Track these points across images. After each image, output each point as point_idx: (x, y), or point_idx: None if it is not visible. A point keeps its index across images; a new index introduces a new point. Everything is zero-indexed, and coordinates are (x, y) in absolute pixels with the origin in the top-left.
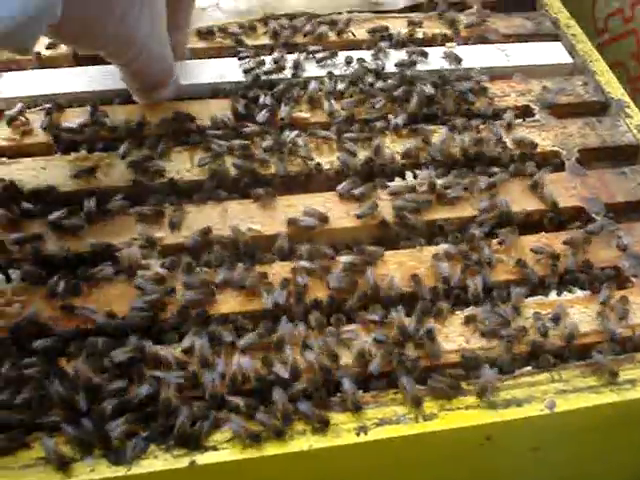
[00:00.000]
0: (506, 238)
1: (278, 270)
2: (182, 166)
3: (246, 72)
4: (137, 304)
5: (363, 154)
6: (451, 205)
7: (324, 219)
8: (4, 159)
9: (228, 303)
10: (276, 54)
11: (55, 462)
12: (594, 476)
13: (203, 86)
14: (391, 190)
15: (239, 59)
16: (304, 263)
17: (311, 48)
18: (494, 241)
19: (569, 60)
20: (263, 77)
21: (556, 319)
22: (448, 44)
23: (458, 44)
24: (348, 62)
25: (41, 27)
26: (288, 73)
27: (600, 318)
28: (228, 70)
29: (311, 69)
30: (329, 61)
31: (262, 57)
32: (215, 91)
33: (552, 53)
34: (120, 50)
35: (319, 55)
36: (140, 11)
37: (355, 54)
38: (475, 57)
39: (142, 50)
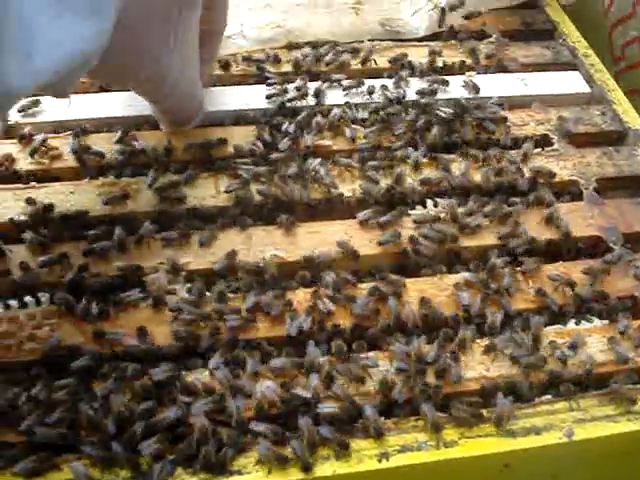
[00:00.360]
0: (529, 267)
1: (302, 297)
2: (207, 192)
3: (269, 99)
4: (179, 333)
5: (385, 182)
6: (472, 234)
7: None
8: (34, 183)
9: (254, 328)
10: (299, 82)
11: None
12: None
13: (228, 113)
14: (415, 219)
15: (267, 85)
16: (327, 291)
17: (334, 76)
18: (514, 269)
19: (587, 89)
20: (287, 104)
21: (574, 348)
22: (467, 73)
23: (478, 73)
24: (370, 92)
25: (79, 75)
26: (311, 101)
27: (617, 347)
28: (252, 97)
29: (333, 97)
30: (354, 89)
31: (285, 85)
32: (239, 118)
33: (570, 82)
34: (152, 89)
35: (345, 83)
36: (173, 52)
37: (377, 82)
38: (494, 86)
39: (174, 89)
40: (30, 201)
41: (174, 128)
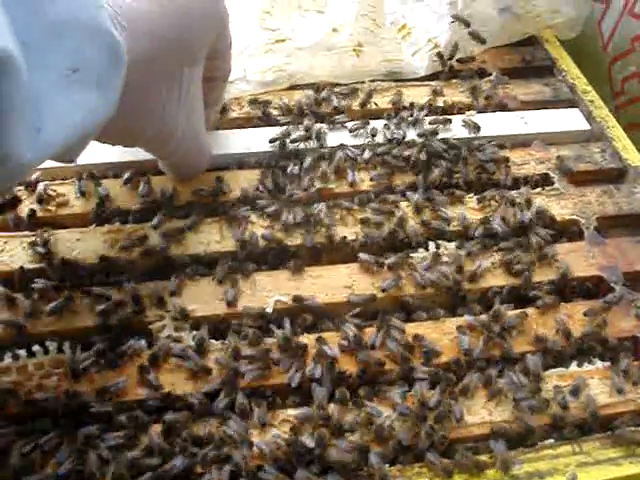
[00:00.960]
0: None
1: (305, 342)
2: (212, 238)
3: (272, 142)
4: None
5: (387, 226)
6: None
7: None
8: (40, 230)
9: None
10: (303, 124)
11: None
12: None
13: (233, 156)
14: (423, 266)
15: (276, 125)
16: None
17: (337, 118)
18: (516, 312)
19: (586, 127)
20: (290, 146)
21: (575, 392)
22: (468, 112)
23: (478, 112)
24: (373, 134)
25: (87, 144)
26: (315, 143)
27: (617, 386)
28: (255, 141)
29: (335, 139)
30: (358, 131)
31: (290, 126)
32: (244, 161)
33: (570, 120)
34: (159, 147)
35: (349, 125)
36: (178, 107)
37: (378, 123)
38: (494, 125)
39: (180, 145)
40: (37, 248)
41: (182, 179)
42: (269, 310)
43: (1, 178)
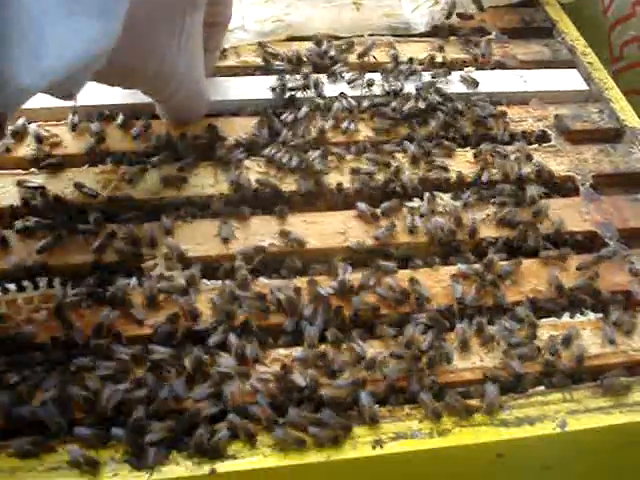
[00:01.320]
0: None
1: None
2: (206, 181)
3: (273, 90)
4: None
5: (382, 175)
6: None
7: None
8: (34, 169)
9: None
10: (301, 73)
11: (80, 466)
12: None
13: (232, 102)
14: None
15: (274, 74)
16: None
17: (335, 69)
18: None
19: (585, 87)
20: (288, 94)
21: (567, 341)
22: (466, 69)
23: (476, 69)
24: (369, 84)
25: (88, 76)
26: (312, 93)
27: (609, 337)
28: (253, 88)
29: (333, 89)
30: (355, 82)
31: (287, 76)
32: (241, 108)
33: (569, 80)
34: (158, 88)
35: (346, 76)
36: (179, 50)
37: (376, 76)
38: (493, 82)
39: (180, 87)
40: (28, 187)
41: (179, 124)
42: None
43: (2, 103)
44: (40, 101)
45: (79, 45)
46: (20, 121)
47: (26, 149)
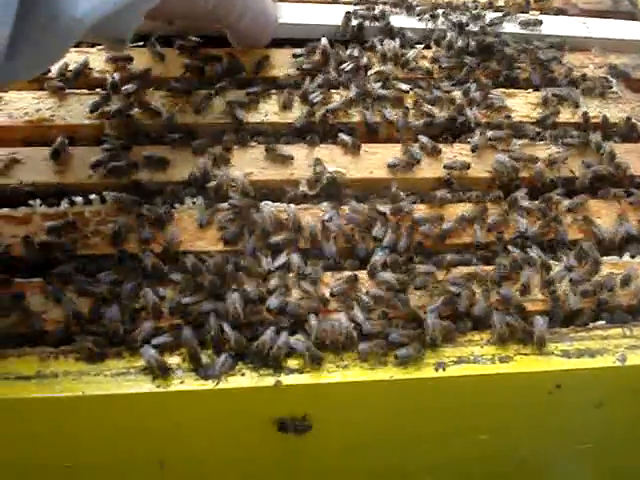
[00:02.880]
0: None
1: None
2: (271, 109)
3: (347, 18)
4: None
5: (446, 112)
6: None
7: None
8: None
9: None
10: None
11: (151, 371)
12: None
13: (299, 27)
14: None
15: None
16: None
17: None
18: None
19: None
20: (356, 22)
21: (627, 280)
22: (530, 12)
23: (540, 13)
24: (433, 16)
25: (140, 12)
26: (380, 23)
27: None
28: (322, 14)
29: (400, 22)
30: (427, 15)
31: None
32: (308, 33)
33: (631, 30)
34: (224, 14)
35: (418, 9)
36: None
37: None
38: (556, 26)
39: (245, 11)
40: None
41: (251, 47)
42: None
43: (56, 36)
44: None
45: None
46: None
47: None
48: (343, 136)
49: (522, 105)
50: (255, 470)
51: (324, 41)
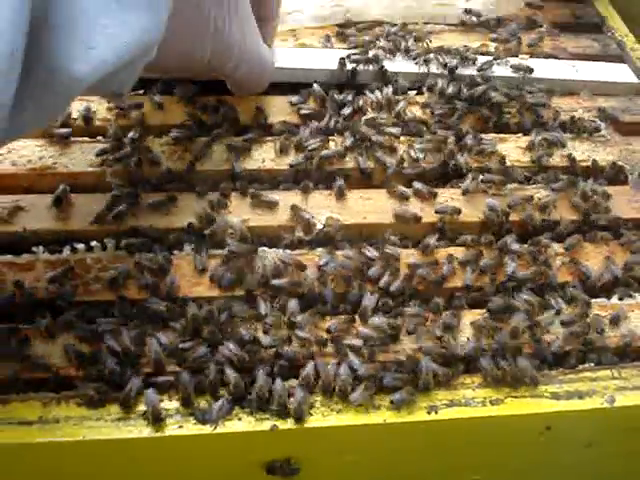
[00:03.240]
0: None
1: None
2: (267, 156)
3: (342, 60)
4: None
5: (438, 158)
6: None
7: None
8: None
9: None
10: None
11: (150, 416)
12: None
13: (295, 71)
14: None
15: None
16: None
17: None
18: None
19: (636, 80)
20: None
21: (615, 321)
22: (520, 56)
23: (530, 57)
24: (426, 61)
25: (137, 70)
26: (373, 67)
27: None
28: (317, 58)
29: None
30: (417, 60)
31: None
32: (304, 77)
33: (619, 73)
34: (219, 65)
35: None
36: (229, 23)
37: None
38: (546, 70)
39: (240, 61)
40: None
41: (249, 93)
42: (319, 226)
43: (56, 94)
44: None
45: (128, 36)
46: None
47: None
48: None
49: (512, 150)
50: None
51: (316, 87)
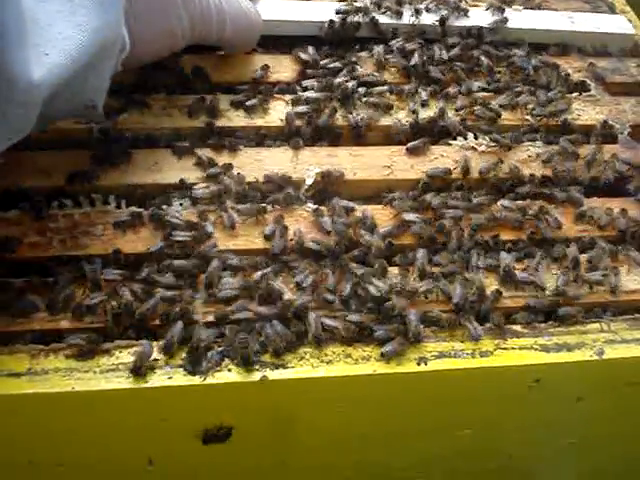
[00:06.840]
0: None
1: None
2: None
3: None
4: None
5: (427, 114)
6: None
7: None
8: None
9: None
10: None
11: (139, 367)
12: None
13: (286, 23)
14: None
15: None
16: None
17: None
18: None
19: (632, 31)
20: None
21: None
22: (514, 7)
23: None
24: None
25: (105, 73)
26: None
27: None
28: (307, 10)
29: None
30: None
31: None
32: (294, 30)
33: (616, 24)
34: (204, 37)
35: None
36: None
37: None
38: (541, 21)
39: (224, 26)
40: None
41: (242, 50)
42: (309, 182)
43: (18, 104)
44: None
45: (82, 38)
46: None
47: None
48: None
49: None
50: (248, 465)
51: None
